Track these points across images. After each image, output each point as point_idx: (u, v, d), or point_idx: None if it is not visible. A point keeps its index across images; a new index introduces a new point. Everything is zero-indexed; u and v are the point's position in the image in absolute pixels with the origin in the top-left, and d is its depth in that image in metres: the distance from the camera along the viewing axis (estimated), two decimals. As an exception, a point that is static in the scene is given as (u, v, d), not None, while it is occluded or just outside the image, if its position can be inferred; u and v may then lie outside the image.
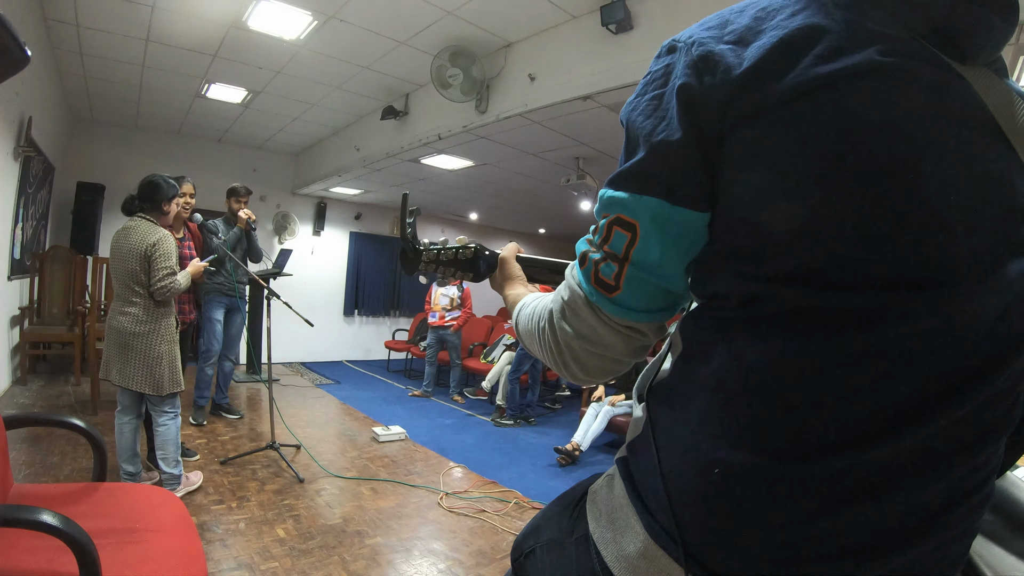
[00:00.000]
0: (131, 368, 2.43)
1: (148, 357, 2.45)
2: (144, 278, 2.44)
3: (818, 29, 0.44)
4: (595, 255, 0.54)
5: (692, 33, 0.50)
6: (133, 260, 2.42)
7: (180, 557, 1.25)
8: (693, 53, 0.48)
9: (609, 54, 3.03)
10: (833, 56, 0.43)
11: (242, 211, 3.90)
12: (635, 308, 0.53)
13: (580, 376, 0.61)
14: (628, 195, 0.50)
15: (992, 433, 0.45)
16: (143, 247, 2.42)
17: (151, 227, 2.49)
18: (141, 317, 2.45)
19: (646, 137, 0.50)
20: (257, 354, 6.08)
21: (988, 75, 0.46)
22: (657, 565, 0.50)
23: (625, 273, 0.51)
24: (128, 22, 3.58)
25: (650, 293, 0.52)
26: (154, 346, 2.46)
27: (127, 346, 2.43)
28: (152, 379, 2.45)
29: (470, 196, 7.18)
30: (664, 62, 0.51)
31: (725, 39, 0.47)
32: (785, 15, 0.46)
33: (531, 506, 2.98)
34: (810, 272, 0.43)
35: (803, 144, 0.43)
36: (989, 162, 0.44)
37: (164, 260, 2.44)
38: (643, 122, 0.50)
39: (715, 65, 0.46)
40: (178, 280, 2.50)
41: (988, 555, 0.53)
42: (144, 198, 2.55)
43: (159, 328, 2.49)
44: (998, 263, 0.42)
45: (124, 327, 2.43)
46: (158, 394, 2.48)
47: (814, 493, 0.43)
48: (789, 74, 0.43)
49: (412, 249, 0.94)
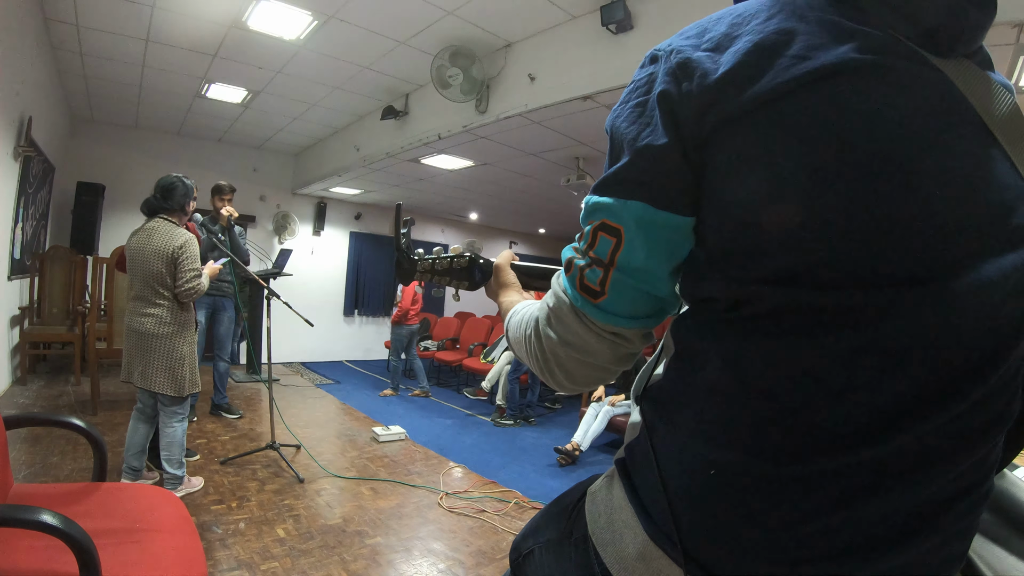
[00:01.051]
0: (153, 370, 2.43)
1: (171, 359, 2.45)
2: (170, 280, 2.44)
3: (792, 31, 0.45)
4: (580, 261, 0.54)
5: (672, 42, 0.51)
6: (159, 262, 2.42)
7: (180, 557, 1.25)
8: (672, 61, 0.49)
9: (609, 54, 3.03)
10: (809, 55, 0.43)
11: (224, 209, 3.81)
12: (620, 313, 0.53)
13: (566, 384, 0.60)
14: (613, 200, 0.50)
15: (989, 429, 0.45)
16: (169, 249, 2.42)
17: (175, 229, 2.50)
18: (165, 319, 2.46)
19: (630, 143, 0.50)
20: (257, 354, 6.08)
21: (968, 67, 0.46)
22: (656, 566, 0.50)
23: (610, 278, 0.51)
24: (128, 22, 3.58)
25: (635, 298, 0.52)
26: (177, 348, 2.48)
27: (149, 348, 2.43)
28: (174, 381, 2.46)
29: (470, 196, 7.18)
30: (647, 72, 0.52)
31: (703, 47, 0.48)
32: (760, 20, 0.47)
33: (531, 506, 2.98)
34: (798, 273, 0.43)
35: (784, 145, 0.43)
36: (973, 155, 0.44)
37: (191, 262, 2.45)
38: (627, 128, 0.51)
39: (692, 71, 0.47)
40: (203, 282, 2.52)
41: (987, 555, 0.53)
42: (167, 198, 2.54)
43: (182, 330, 2.51)
44: (989, 257, 0.42)
45: (147, 329, 2.43)
46: (179, 395, 2.49)
47: (810, 493, 0.43)
48: (766, 76, 0.44)
49: (407, 259, 0.94)
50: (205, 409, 4.21)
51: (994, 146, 0.45)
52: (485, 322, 6.93)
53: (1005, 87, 0.47)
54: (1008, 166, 0.45)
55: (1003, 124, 0.45)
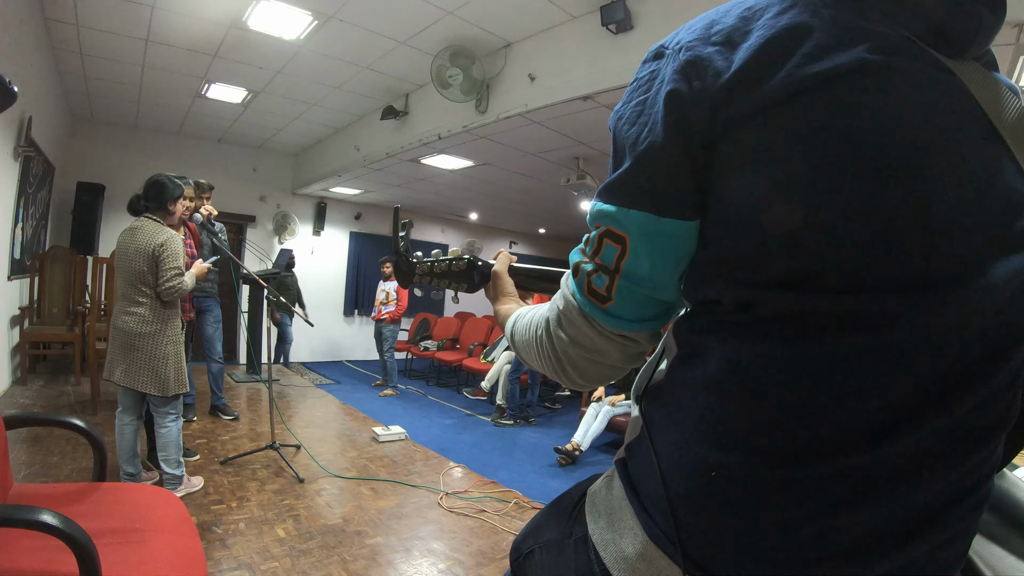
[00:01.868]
0: (136, 368, 2.42)
1: (154, 358, 2.45)
2: (151, 279, 2.43)
3: (805, 28, 0.44)
4: (587, 266, 0.54)
5: (679, 37, 0.49)
6: (140, 260, 2.42)
7: (180, 557, 1.25)
8: (681, 58, 0.47)
9: (609, 54, 3.03)
10: (822, 55, 0.43)
11: (204, 207, 3.70)
12: (627, 318, 0.53)
13: (579, 382, 0.61)
14: (616, 208, 0.50)
15: (990, 431, 0.45)
16: (150, 247, 2.42)
17: (158, 227, 2.49)
18: (148, 317, 2.45)
19: (631, 146, 0.49)
20: (257, 354, 6.08)
21: (978, 69, 0.46)
22: (656, 566, 0.50)
23: (616, 285, 0.51)
24: (128, 22, 3.58)
25: (642, 303, 0.53)
26: (160, 347, 2.47)
27: (132, 346, 2.43)
28: (158, 380, 2.45)
29: (470, 196, 7.19)
30: (651, 67, 0.51)
31: (712, 41, 0.47)
32: (772, 14, 0.46)
33: (531, 506, 2.98)
34: (804, 276, 0.43)
35: (794, 146, 0.42)
36: (982, 158, 0.44)
37: (172, 260, 2.44)
38: (628, 131, 0.50)
39: (704, 69, 0.46)
40: (185, 280, 2.50)
41: (988, 555, 0.53)
42: (150, 198, 2.54)
43: (165, 329, 2.49)
44: (994, 260, 0.42)
45: (130, 327, 2.43)
46: (163, 395, 2.47)
47: (811, 495, 0.43)
48: (778, 75, 0.43)
49: (405, 262, 0.94)
50: (205, 409, 4.21)
51: (1002, 149, 0.44)
52: (485, 322, 6.94)
53: (1012, 89, 0.47)
54: (1016, 169, 0.44)
55: (1012, 127, 0.45)
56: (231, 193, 6.61)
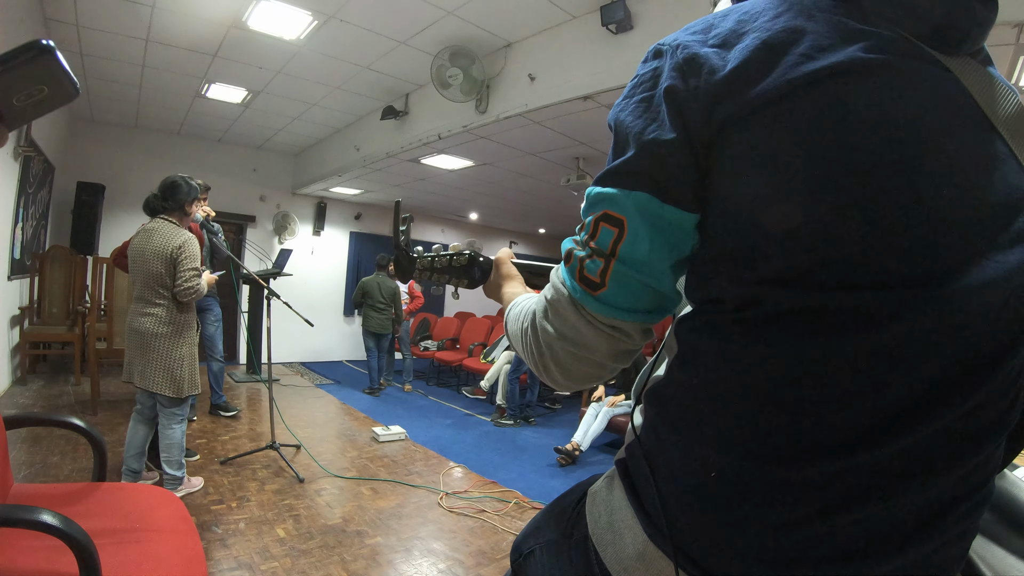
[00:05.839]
0: (151, 370, 2.43)
1: (170, 359, 2.45)
2: (168, 280, 2.44)
3: (800, 30, 0.45)
4: (580, 252, 0.53)
5: (677, 37, 0.50)
6: (157, 262, 2.42)
7: (180, 557, 1.25)
8: (678, 56, 0.48)
9: (609, 54, 3.03)
10: (817, 54, 0.43)
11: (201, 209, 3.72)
12: (620, 306, 0.52)
13: (560, 380, 0.59)
14: (617, 190, 0.50)
15: (991, 431, 0.45)
16: (168, 249, 2.42)
17: (175, 229, 2.50)
18: (164, 319, 2.46)
19: (636, 136, 0.49)
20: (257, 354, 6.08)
21: (973, 65, 0.46)
22: (656, 567, 0.50)
23: (611, 269, 0.50)
24: (128, 22, 3.58)
25: (636, 291, 0.51)
26: (176, 348, 2.47)
27: (148, 347, 2.43)
28: (173, 381, 2.46)
29: (470, 196, 7.18)
30: (651, 66, 0.51)
31: (709, 42, 0.47)
32: (768, 17, 0.47)
33: (531, 506, 2.98)
34: (805, 273, 0.43)
35: (792, 144, 0.42)
36: (979, 154, 0.44)
37: (190, 262, 2.45)
38: (633, 122, 0.50)
39: (700, 67, 0.46)
40: (201, 282, 2.52)
41: (988, 555, 0.52)
42: (167, 199, 2.54)
43: (181, 330, 2.50)
44: (994, 257, 0.42)
45: (146, 328, 2.43)
46: (177, 396, 2.48)
47: (811, 496, 0.43)
48: (773, 74, 0.43)
49: (406, 257, 0.93)
50: (205, 409, 4.21)
51: (1000, 145, 0.44)
52: (485, 322, 6.93)
53: (1007, 86, 0.47)
54: (1014, 165, 0.44)
55: (1009, 123, 0.45)
56: (231, 193, 6.61)
